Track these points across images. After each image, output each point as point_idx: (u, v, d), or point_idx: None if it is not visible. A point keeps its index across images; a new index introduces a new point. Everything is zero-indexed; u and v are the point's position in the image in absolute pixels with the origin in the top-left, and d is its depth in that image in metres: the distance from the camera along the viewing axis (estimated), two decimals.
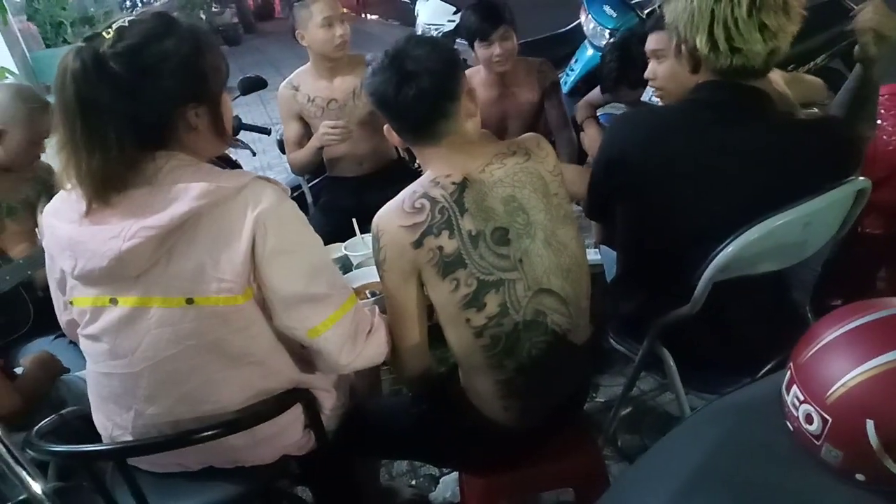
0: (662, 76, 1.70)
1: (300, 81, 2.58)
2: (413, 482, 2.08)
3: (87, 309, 1.23)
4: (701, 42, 1.32)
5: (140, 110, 1.12)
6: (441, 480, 2.04)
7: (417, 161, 1.41)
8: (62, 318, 1.37)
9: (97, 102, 1.09)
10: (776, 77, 1.73)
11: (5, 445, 0.62)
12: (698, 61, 1.38)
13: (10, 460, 0.62)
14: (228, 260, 1.16)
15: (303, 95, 2.56)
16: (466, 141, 1.33)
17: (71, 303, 1.26)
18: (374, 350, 1.32)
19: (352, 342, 1.27)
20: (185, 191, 1.12)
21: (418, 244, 1.26)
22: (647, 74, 1.75)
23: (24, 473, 0.64)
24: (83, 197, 1.15)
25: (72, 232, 1.17)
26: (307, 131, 2.63)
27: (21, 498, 0.66)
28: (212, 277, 1.16)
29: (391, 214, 1.29)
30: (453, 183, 1.28)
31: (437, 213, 1.26)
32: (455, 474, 2.02)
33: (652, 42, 1.76)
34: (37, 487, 0.63)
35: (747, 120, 1.39)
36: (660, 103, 1.82)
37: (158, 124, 1.15)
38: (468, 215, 1.27)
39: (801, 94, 1.81)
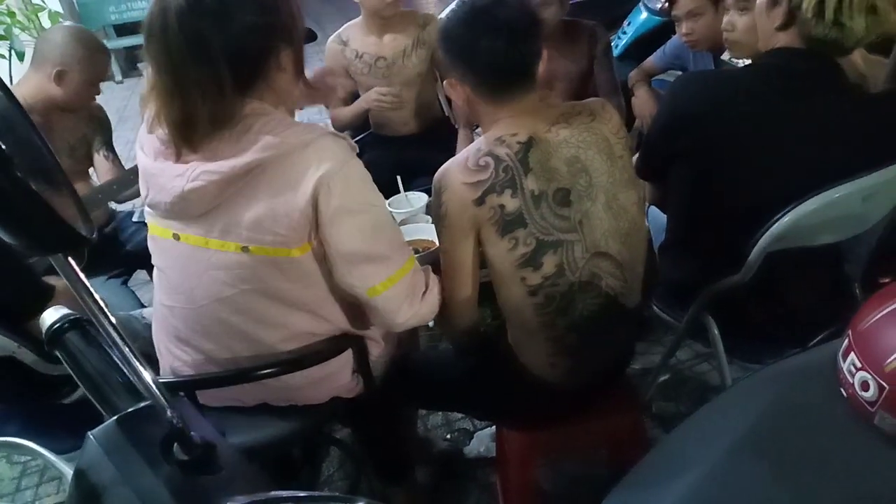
0: (742, 29, 1.66)
1: (349, 36, 2.55)
2: (448, 435, 2.13)
3: (157, 239, 1.29)
4: (808, 4, 1.28)
5: (239, 43, 1.12)
6: (475, 435, 2.08)
7: (477, 124, 1.39)
8: None
9: (202, 37, 1.09)
10: (856, 56, 1.70)
11: (134, 353, 0.66)
12: (792, 21, 1.34)
13: (140, 369, 0.66)
14: (285, 214, 1.17)
15: (351, 51, 2.54)
16: (536, 101, 1.32)
17: (149, 229, 1.33)
18: (428, 309, 1.35)
19: (409, 302, 1.29)
20: (252, 141, 1.14)
21: (480, 202, 1.26)
22: (724, 26, 1.72)
23: (150, 382, 0.68)
24: (172, 143, 1.16)
25: (147, 164, 1.23)
26: (353, 88, 2.61)
27: (143, 405, 0.71)
28: (268, 229, 1.18)
29: (454, 171, 1.29)
30: (519, 142, 1.27)
31: (500, 171, 1.25)
32: (490, 429, 2.06)
33: None
34: (162, 396, 0.67)
35: (820, 91, 1.36)
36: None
37: (256, 59, 1.16)
38: (532, 175, 1.26)
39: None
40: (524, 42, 1.25)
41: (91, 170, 2.38)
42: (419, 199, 2.07)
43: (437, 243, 1.48)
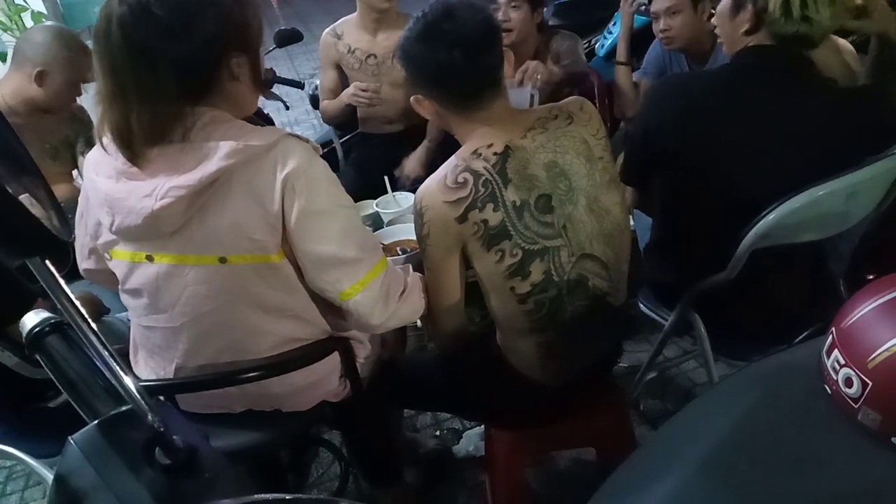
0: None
1: (344, 30, 2.56)
2: (437, 433, 2.13)
3: (126, 264, 1.25)
4: (774, 5, 1.31)
5: (187, 55, 1.09)
6: (464, 434, 2.08)
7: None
8: (83, 264, 1.39)
9: (146, 47, 1.07)
10: (844, 46, 1.72)
11: (114, 358, 0.66)
12: (761, 24, 1.36)
13: (121, 373, 0.66)
14: (261, 219, 1.15)
15: (344, 45, 2.55)
16: (507, 106, 1.32)
17: (110, 256, 1.27)
18: (409, 309, 1.32)
19: (383, 304, 1.26)
20: (215, 149, 1.11)
21: (462, 219, 1.25)
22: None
23: (131, 386, 0.67)
24: (118, 151, 1.13)
25: (110, 188, 1.17)
26: (343, 80, 2.62)
27: (124, 409, 0.70)
28: (244, 237, 1.16)
29: (434, 190, 1.27)
30: (495, 153, 1.26)
31: (480, 186, 1.24)
32: (479, 428, 2.06)
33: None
34: (143, 400, 0.66)
35: (793, 88, 1.38)
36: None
37: (204, 70, 1.13)
38: (512, 186, 1.25)
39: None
40: (484, 52, 1.24)
41: (75, 172, 2.36)
42: (407, 198, 2.07)
43: None
